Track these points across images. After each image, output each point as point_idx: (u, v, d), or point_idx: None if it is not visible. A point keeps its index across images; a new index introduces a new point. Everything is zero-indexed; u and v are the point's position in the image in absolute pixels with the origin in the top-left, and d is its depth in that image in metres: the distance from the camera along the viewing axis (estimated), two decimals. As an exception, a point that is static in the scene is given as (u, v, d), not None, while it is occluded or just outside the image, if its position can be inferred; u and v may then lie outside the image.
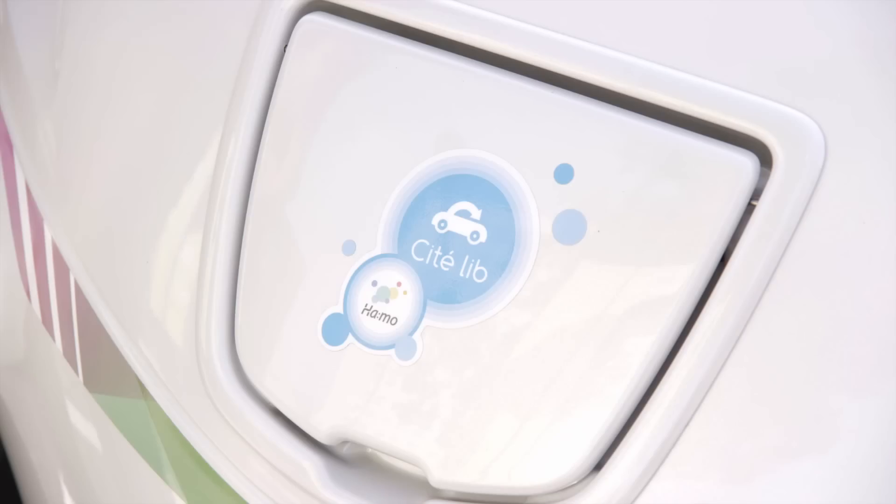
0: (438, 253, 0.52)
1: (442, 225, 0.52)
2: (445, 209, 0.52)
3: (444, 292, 0.52)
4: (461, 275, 0.52)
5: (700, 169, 0.49)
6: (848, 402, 0.49)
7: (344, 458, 0.56)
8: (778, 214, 0.48)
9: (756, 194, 0.49)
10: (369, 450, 0.56)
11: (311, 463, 0.54)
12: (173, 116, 0.59)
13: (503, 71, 0.52)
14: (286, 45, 0.55)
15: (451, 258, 0.52)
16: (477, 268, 0.52)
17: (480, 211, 0.52)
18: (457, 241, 0.52)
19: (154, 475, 0.60)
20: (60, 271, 0.64)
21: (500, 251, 0.51)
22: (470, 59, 0.53)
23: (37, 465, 0.69)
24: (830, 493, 0.49)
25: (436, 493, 0.54)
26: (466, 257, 0.52)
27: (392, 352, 0.53)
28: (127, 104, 0.60)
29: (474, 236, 0.52)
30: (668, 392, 0.49)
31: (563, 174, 0.51)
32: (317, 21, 0.55)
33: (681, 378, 0.49)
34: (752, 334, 0.49)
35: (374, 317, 0.53)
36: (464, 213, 0.52)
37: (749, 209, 0.49)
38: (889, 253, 0.48)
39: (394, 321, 0.53)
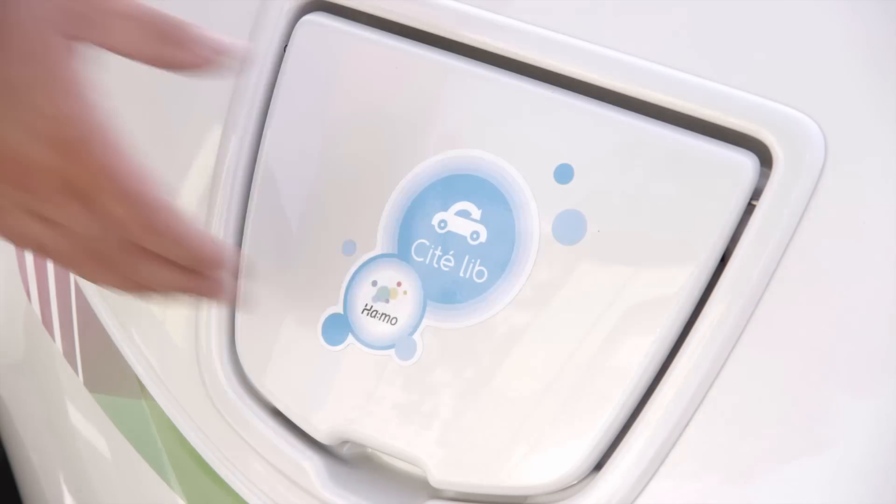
0: (438, 253, 0.52)
1: (442, 225, 0.52)
2: (445, 209, 0.52)
3: (444, 292, 0.52)
4: (461, 275, 0.52)
5: (700, 169, 0.49)
6: (847, 402, 0.49)
7: (344, 458, 0.56)
8: (778, 214, 0.48)
9: (756, 194, 0.49)
10: (369, 450, 0.56)
11: (311, 463, 0.54)
12: (173, 116, 0.59)
13: (503, 71, 0.52)
14: (286, 45, 0.55)
15: (451, 258, 0.52)
16: (477, 268, 0.52)
17: (480, 211, 0.52)
18: (457, 241, 0.52)
19: (154, 475, 0.60)
20: (60, 271, 0.64)
21: (500, 251, 0.51)
22: (470, 59, 0.53)
23: (37, 465, 0.69)
24: (830, 493, 0.49)
25: (436, 493, 0.54)
26: (466, 257, 0.52)
27: (392, 352, 0.53)
28: (127, 103, 0.60)
29: (474, 236, 0.52)
30: (668, 392, 0.49)
31: (563, 174, 0.51)
32: (317, 21, 0.55)
33: (681, 378, 0.49)
34: (752, 334, 0.49)
35: (374, 317, 0.53)
36: (464, 213, 0.52)
37: (749, 209, 0.49)
38: (889, 253, 0.48)
39: (394, 321, 0.53)
